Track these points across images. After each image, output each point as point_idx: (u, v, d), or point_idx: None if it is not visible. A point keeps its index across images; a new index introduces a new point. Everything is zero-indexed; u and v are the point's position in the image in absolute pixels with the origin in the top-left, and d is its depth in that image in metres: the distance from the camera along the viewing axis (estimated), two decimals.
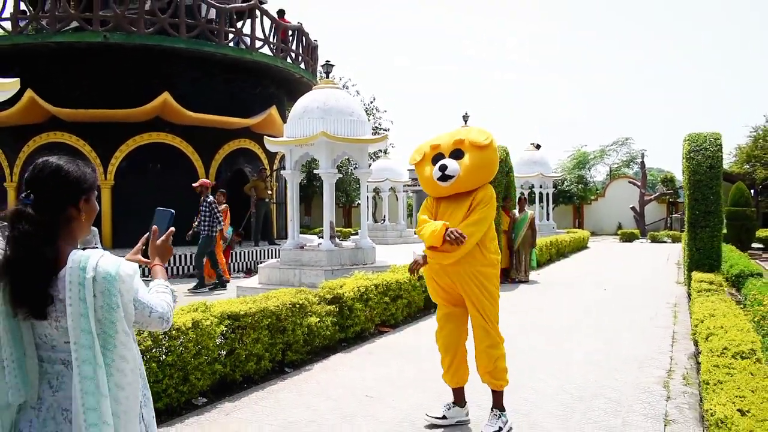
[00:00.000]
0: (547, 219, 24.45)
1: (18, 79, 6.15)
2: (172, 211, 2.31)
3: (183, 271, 13.34)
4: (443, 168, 4.17)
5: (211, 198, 11.30)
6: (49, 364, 1.92)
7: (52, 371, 1.91)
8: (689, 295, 9.40)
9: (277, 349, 5.74)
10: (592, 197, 33.28)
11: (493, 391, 4.31)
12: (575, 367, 5.98)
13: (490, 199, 4.19)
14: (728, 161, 28.37)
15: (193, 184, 11.58)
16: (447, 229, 3.93)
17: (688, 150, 10.98)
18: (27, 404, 1.92)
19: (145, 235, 2.25)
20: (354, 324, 6.96)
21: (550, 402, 4.96)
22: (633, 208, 28.86)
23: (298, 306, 5.96)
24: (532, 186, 23.81)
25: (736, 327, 5.80)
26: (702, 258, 10.69)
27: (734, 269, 10.68)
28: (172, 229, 2.27)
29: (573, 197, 32.15)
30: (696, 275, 9.78)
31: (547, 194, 24.23)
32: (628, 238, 26.61)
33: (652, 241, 25.76)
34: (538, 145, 24.18)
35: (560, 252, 18.29)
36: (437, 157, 4.33)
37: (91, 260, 1.84)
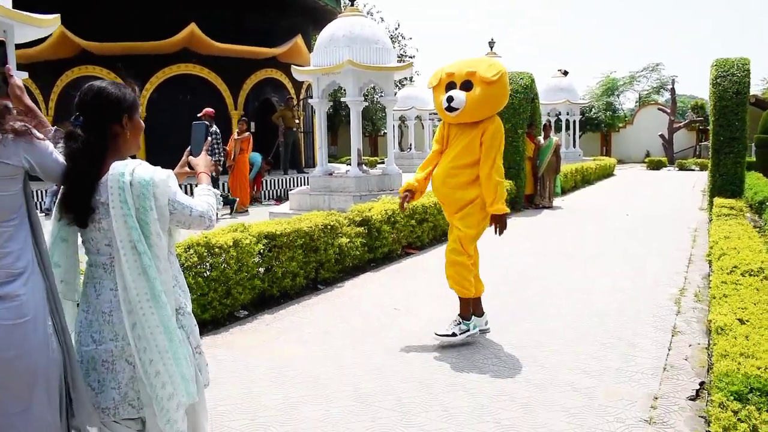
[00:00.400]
0: (574, 146, 24.41)
1: (58, 15, 6.39)
2: (206, 123, 2.57)
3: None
4: (450, 99, 4.41)
5: (214, 127, 11.46)
6: (94, 268, 2.16)
7: (96, 276, 2.15)
8: (710, 220, 9.59)
9: (311, 267, 6.14)
10: (621, 125, 32.87)
11: (459, 299, 4.65)
12: (593, 286, 6.32)
13: (499, 134, 4.45)
14: (761, 88, 27.76)
15: (198, 115, 11.74)
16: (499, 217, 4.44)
17: (714, 75, 10.93)
18: (80, 307, 2.20)
19: (188, 149, 2.51)
20: (382, 245, 7.34)
21: (570, 312, 5.32)
22: (661, 136, 28.57)
23: (329, 227, 6.32)
24: (559, 113, 23.67)
25: (749, 248, 6.05)
26: (725, 184, 10.81)
27: (758, 196, 10.77)
28: (209, 139, 2.54)
29: (600, 125, 31.82)
30: (717, 201, 9.94)
31: (574, 121, 24.11)
32: (656, 166, 26.46)
33: (680, 169, 25.62)
34: (565, 71, 23.90)
35: (585, 179, 18.39)
36: (450, 84, 4.54)
37: (129, 167, 2.06)
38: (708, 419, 2.99)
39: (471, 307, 4.63)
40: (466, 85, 4.46)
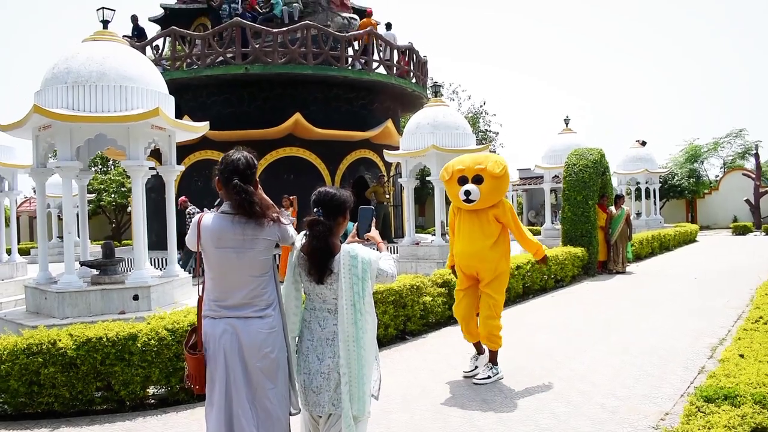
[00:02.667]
0: (655, 214, 24.90)
1: (207, 123, 8.27)
2: (372, 208, 3.66)
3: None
4: (467, 193, 5.53)
5: (190, 208, 12.93)
6: (320, 312, 3.18)
7: (321, 316, 3.18)
8: None
9: (400, 320, 7.49)
10: (706, 191, 32.92)
11: (490, 351, 5.82)
12: (642, 336, 7.36)
13: (510, 209, 5.73)
14: None
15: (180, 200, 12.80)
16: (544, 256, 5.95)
17: None
18: (304, 336, 3.23)
19: (355, 228, 3.54)
20: None
21: (613, 357, 6.42)
22: (747, 201, 28.52)
23: (415, 287, 7.69)
24: (638, 182, 24.37)
25: None
26: None
27: None
28: (375, 221, 3.64)
29: (684, 191, 32.00)
30: None
31: (654, 189, 24.71)
32: (742, 231, 26.41)
33: (766, 234, 25.51)
34: (643, 141, 24.71)
35: (664, 245, 18.94)
36: (462, 179, 5.65)
37: (355, 250, 3.13)
38: None
39: (496, 357, 5.86)
40: (477, 179, 5.57)
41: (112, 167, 32.53)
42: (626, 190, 24.97)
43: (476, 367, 5.90)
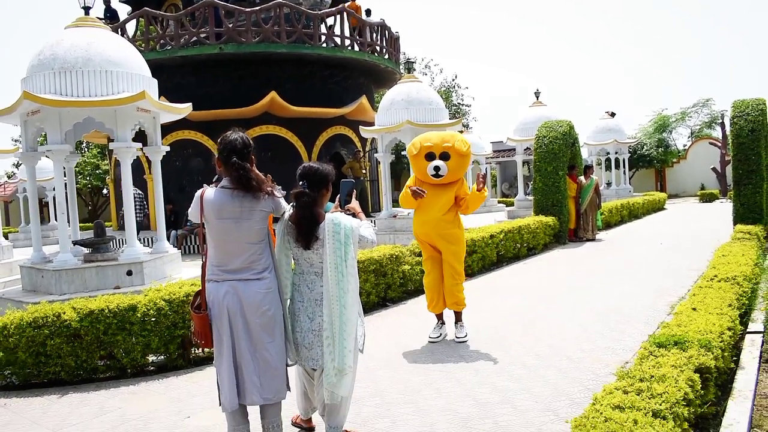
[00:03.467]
0: (624, 183, 25.58)
1: (190, 104, 8.53)
2: (353, 181, 4.03)
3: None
4: (437, 168, 5.90)
5: (137, 191, 13.72)
6: (308, 275, 3.61)
7: (309, 279, 3.61)
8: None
9: (381, 288, 7.91)
10: (674, 160, 33.74)
11: (456, 312, 6.30)
12: (608, 296, 7.87)
13: (466, 189, 6.14)
14: None
15: None
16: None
17: (732, 115, 12.32)
18: (294, 298, 3.64)
19: (337, 199, 3.90)
20: None
21: (580, 316, 6.91)
22: (714, 169, 29.33)
23: (394, 257, 8.11)
24: (608, 153, 24.98)
25: (736, 263, 7.48)
26: (746, 212, 12.08)
27: None
28: (354, 193, 3.99)
29: (653, 161, 32.77)
30: (738, 227, 11.22)
31: (624, 159, 25.35)
32: (708, 198, 27.23)
33: (732, 201, 26.29)
34: (612, 113, 25.28)
35: (633, 213, 19.56)
36: (429, 155, 6.00)
37: (338, 218, 3.52)
38: None
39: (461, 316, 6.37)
40: (444, 156, 5.96)
41: (86, 150, 32.37)
42: (596, 161, 25.57)
43: (440, 334, 6.31)
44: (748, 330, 6.09)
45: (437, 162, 5.98)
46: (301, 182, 3.57)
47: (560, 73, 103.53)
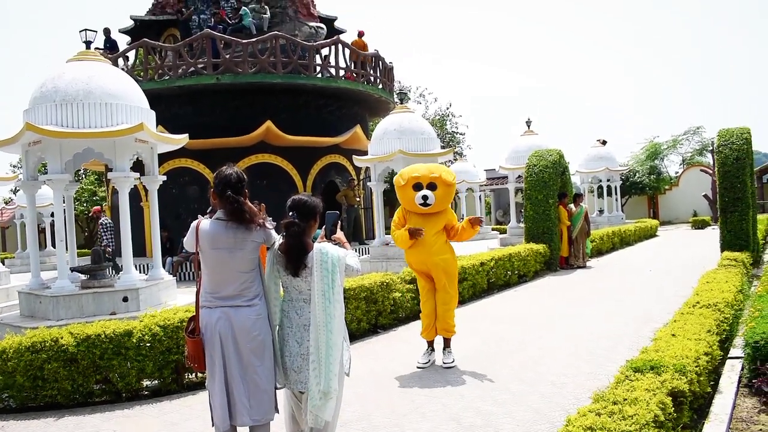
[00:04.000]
0: (617, 210, 25.85)
1: (186, 135, 8.77)
2: (337, 213, 4.24)
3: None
4: (425, 198, 6.13)
5: (103, 218, 14.52)
6: (296, 301, 3.72)
7: (297, 305, 3.72)
8: None
9: (372, 315, 8.07)
10: (666, 187, 34.09)
11: (446, 339, 6.49)
12: (595, 323, 8.03)
13: (454, 216, 6.39)
14: None
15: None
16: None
17: (717, 144, 12.58)
18: (284, 324, 3.76)
19: (322, 231, 4.14)
20: None
21: (567, 342, 7.08)
22: (705, 196, 29.64)
23: (385, 284, 8.28)
24: (600, 180, 25.28)
25: (719, 290, 7.65)
26: (733, 239, 12.26)
27: None
28: (339, 223, 4.20)
29: (645, 188, 33.11)
30: (725, 254, 11.41)
31: (615, 187, 25.65)
32: (700, 225, 27.48)
33: None
34: (604, 141, 25.64)
35: (624, 241, 19.75)
36: (417, 185, 6.22)
37: (325, 248, 3.68)
38: None
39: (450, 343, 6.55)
40: (431, 186, 6.18)
41: (84, 176, 32.60)
42: (588, 188, 25.87)
43: (429, 360, 6.46)
44: (728, 356, 6.26)
45: (425, 192, 6.20)
46: (290, 213, 3.75)
47: (552, 102, 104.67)
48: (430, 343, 6.59)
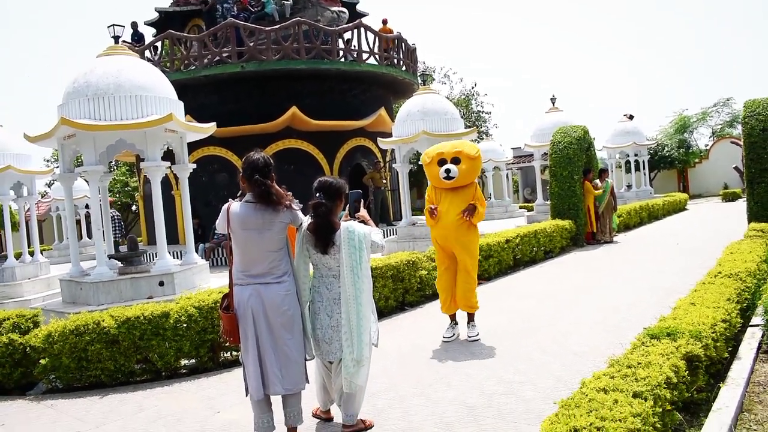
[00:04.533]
0: (645, 185, 25.64)
1: (214, 123, 9.03)
2: (360, 191, 4.49)
3: None
4: (447, 171, 6.31)
5: (114, 212, 14.61)
6: (326, 278, 4.05)
7: (327, 281, 4.05)
8: None
9: (399, 293, 8.28)
10: (696, 160, 33.62)
11: (469, 314, 6.67)
12: (621, 296, 8.15)
13: (480, 192, 6.50)
14: None
15: None
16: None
17: (744, 115, 12.47)
18: (315, 299, 4.09)
19: (347, 210, 4.40)
20: None
21: (591, 315, 7.22)
22: (736, 168, 29.13)
23: (411, 262, 8.48)
24: (628, 155, 25.08)
25: (742, 260, 7.70)
26: (760, 210, 12.20)
27: None
28: (363, 201, 4.58)
29: (674, 162, 32.70)
30: (752, 225, 11.37)
31: (643, 161, 25.44)
32: (731, 197, 27.13)
33: None
34: (631, 115, 25.41)
35: (652, 215, 19.64)
36: (441, 161, 6.41)
37: (351, 225, 4.00)
38: None
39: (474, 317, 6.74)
40: (455, 160, 6.35)
41: (116, 168, 33.31)
42: (616, 164, 25.69)
43: (453, 335, 6.65)
44: (750, 323, 6.34)
45: (448, 165, 6.37)
46: (317, 194, 4.02)
47: (578, 78, 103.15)
48: (452, 317, 6.78)
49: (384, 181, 18.44)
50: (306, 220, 4.06)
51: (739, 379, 4.87)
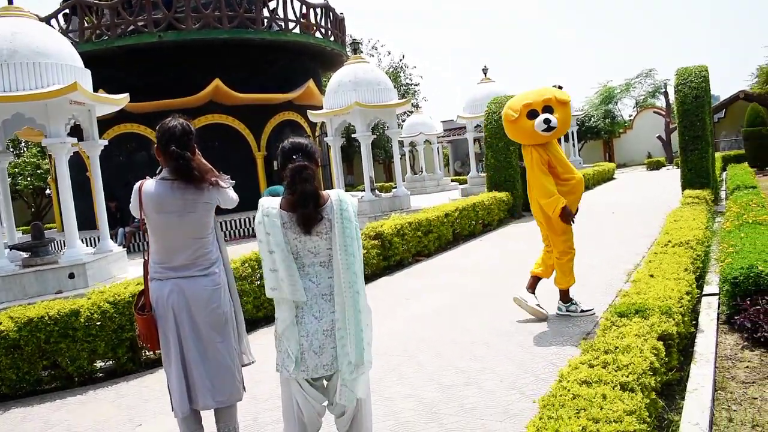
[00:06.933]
0: (574, 155, 25.85)
1: (127, 94, 8.16)
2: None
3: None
4: (548, 121, 5.47)
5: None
6: (311, 267, 2.94)
7: (313, 272, 2.94)
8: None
9: None
10: (621, 130, 34.31)
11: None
12: None
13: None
14: (750, 83, 29.01)
15: None
16: (562, 213, 5.71)
17: (676, 83, 12.43)
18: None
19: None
20: (394, 254, 8.92)
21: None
22: (659, 137, 29.89)
23: None
24: None
25: (689, 227, 7.52)
26: (693, 177, 12.24)
27: (732, 184, 12.26)
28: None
29: (601, 132, 33.26)
30: (686, 192, 11.36)
31: (572, 132, 25.60)
32: (655, 166, 27.75)
33: (677, 167, 26.89)
34: (559, 86, 25.36)
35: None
36: (532, 112, 5.57)
37: (341, 194, 2.98)
38: None
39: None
40: (548, 110, 5.57)
41: (25, 149, 31.20)
42: None
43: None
44: (704, 293, 6.15)
45: (546, 115, 5.53)
46: (295, 156, 2.97)
47: (508, 48, 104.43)
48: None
49: None
50: (271, 200, 3.02)
51: (708, 354, 4.63)
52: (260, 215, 2.98)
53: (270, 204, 3.00)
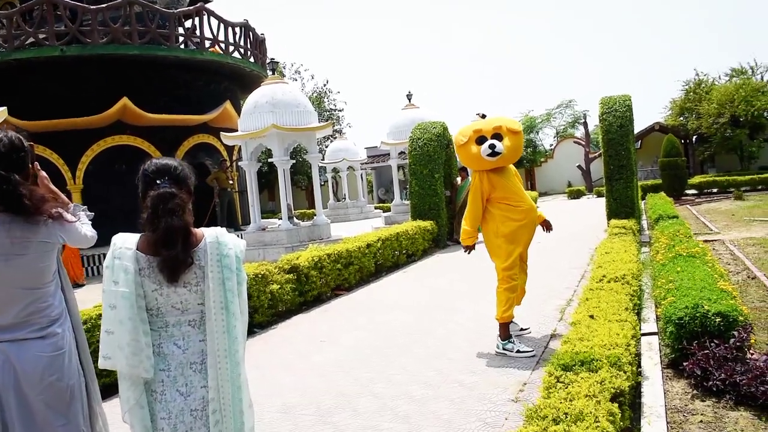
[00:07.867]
0: None
1: (5, 107, 7.18)
2: None
3: None
4: (492, 147, 5.36)
5: None
6: (176, 327, 2.35)
7: (179, 333, 2.35)
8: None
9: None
10: (542, 159, 34.88)
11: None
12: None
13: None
14: (664, 114, 30.05)
15: None
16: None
17: (601, 112, 12.34)
18: (155, 367, 2.32)
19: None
20: (311, 289, 8.18)
21: (467, 327, 6.28)
22: (579, 167, 30.45)
23: (260, 276, 7.16)
24: None
25: (621, 260, 7.17)
26: (619, 207, 12.11)
27: (654, 214, 12.18)
28: None
29: (523, 161, 33.69)
30: (612, 222, 11.18)
31: None
32: (576, 195, 28.16)
33: (598, 196, 27.33)
34: (483, 115, 25.36)
35: None
36: (480, 138, 5.49)
37: (221, 234, 2.41)
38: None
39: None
40: (497, 137, 5.47)
41: None
42: (461, 165, 25.63)
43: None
44: (642, 332, 5.74)
45: (492, 141, 5.41)
46: (159, 180, 2.37)
47: (432, 76, 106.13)
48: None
49: (231, 182, 16.84)
50: (129, 240, 2.37)
51: (657, 407, 4.20)
52: (110, 257, 2.27)
53: (125, 243, 2.30)
